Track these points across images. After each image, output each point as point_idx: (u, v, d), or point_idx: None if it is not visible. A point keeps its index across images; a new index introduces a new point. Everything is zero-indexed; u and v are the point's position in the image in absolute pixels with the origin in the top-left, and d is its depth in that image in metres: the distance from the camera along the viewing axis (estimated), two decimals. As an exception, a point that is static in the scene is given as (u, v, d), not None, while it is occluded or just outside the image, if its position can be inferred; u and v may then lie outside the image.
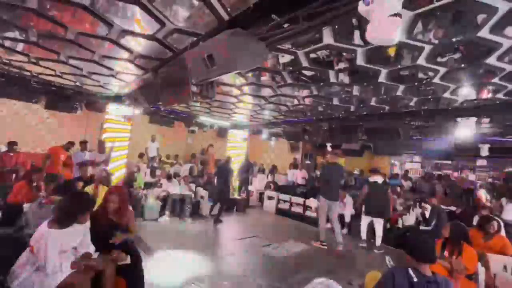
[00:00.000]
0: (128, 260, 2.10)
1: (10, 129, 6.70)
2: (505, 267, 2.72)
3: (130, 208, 2.48)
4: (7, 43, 3.33)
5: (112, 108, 5.98)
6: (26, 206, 3.27)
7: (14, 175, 5.40)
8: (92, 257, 2.01)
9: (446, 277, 1.78)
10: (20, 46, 3.42)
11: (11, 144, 5.34)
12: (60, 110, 6.62)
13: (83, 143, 5.57)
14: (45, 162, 5.18)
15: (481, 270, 2.60)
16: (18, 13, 2.50)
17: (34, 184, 3.69)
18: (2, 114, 6.79)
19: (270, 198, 7.78)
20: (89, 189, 3.32)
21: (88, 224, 2.06)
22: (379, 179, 5.13)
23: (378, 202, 5.02)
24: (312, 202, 6.77)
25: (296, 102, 4.92)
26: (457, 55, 2.72)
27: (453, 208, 6.16)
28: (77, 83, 5.14)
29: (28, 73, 4.73)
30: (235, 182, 8.02)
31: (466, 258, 2.55)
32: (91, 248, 2.06)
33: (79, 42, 3.02)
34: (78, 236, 1.96)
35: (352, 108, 4.98)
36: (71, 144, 5.62)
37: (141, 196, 5.65)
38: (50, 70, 4.30)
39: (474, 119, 4.08)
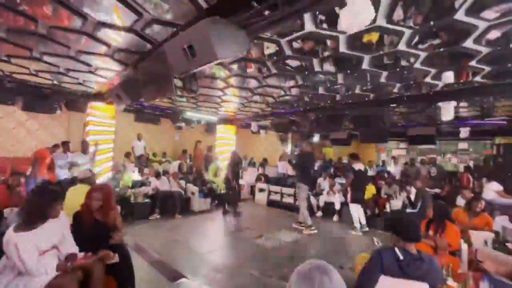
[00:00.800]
0: (116, 258, 2.06)
1: (-14, 134, 6.38)
2: (485, 242, 2.85)
3: (116, 206, 2.42)
4: (-26, 41, 3.13)
5: (94, 106, 5.78)
6: (6, 211, 3.15)
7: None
8: (78, 257, 1.95)
9: (430, 254, 1.85)
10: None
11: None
12: (38, 111, 6.33)
13: (65, 144, 5.38)
14: (35, 167, 4.94)
15: (464, 246, 2.72)
16: (-18, 7, 2.34)
17: (15, 188, 3.53)
18: (-24, 118, 6.45)
19: (261, 190, 7.83)
20: (75, 189, 3.22)
21: (65, 220, 1.99)
22: (362, 166, 5.30)
23: (363, 189, 5.27)
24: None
25: (282, 93, 4.91)
26: (436, 41, 2.78)
27: (437, 190, 6.39)
28: (55, 82, 4.92)
29: (0, 73, 4.48)
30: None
31: (449, 235, 2.66)
32: (75, 248, 2.00)
33: (52, 37, 2.87)
34: (55, 233, 1.89)
35: (338, 97, 5.03)
36: (56, 147, 5.40)
37: (129, 195, 5.55)
38: (23, 68, 4.09)
39: (454, 102, 4.20)
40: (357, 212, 5.24)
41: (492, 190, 5.45)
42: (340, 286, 0.83)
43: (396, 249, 1.80)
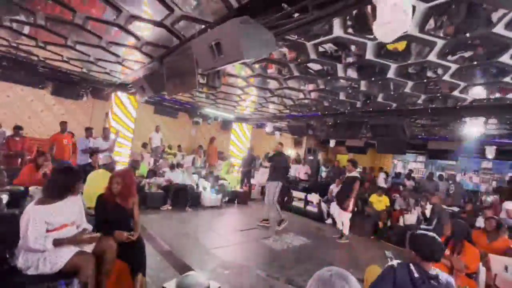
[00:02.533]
0: (133, 237, 2.19)
1: (16, 115, 6.76)
2: (506, 268, 2.71)
3: (136, 194, 2.51)
4: (15, 26, 3.33)
5: (118, 96, 5.99)
6: (31, 189, 3.33)
7: (20, 160, 5.46)
8: (88, 233, 2.06)
9: (447, 275, 1.78)
10: (27, 30, 3.42)
11: (17, 129, 5.37)
12: (66, 96, 6.65)
13: (88, 130, 5.60)
14: (51, 151, 5.19)
15: (482, 269, 2.60)
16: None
17: (41, 168, 3.73)
18: (8, 99, 6.84)
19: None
20: (96, 173, 3.36)
21: (81, 198, 2.12)
22: (357, 174, 5.29)
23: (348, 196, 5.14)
24: (313, 197, 6.79)
25: (302, 96, 4.88)
26: (468, 53, 2.67)
27: (455, 209, 6.13)
28: (84, 70, 5.15)
29: (36, 58, 4.74)
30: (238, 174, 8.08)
31: (467, 256, 2.55)
32: (88, 226, 2.13)
33: (87, 27, 3.01)
34: (74, 210, 2.00)
35: (359, 104, 4.94)
36: (64, 124, 5.50)
37: (144, 184, 5.70)
38: (57, 55, 4.31)
39: (482, 119, 4.01)
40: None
41: (504, 209, 5.19)
42: None
43: (412, 267, 1.73)
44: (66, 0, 2.49)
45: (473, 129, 4.05)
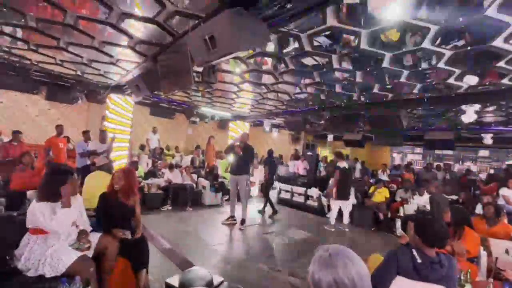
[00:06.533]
0: (129, 235, 2.16)
1: (11, 121, 6.70)
2: (506, 251, 2.73)
3: (138, 193, 2.50)
4: (6, 29, 3.29)
5: (113, 98, 5.96)
6: (29, 193, 3.30)
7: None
8: (89, 234, 2.04)
9: (449, 255, 1.78)
10: (19, 33, 3.38)
11: (16, 133, 5.32)
12: (60, 101, 6.60)
13: (86, 133, 5.57)
14: (47, 155, 5.15)
15: (483, 253, 2.62)
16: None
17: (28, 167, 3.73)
18: (2, 105, 6.78)
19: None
20: (93, 175, 3.34)
21: (81, 200, 2.10)
22: (346, 164, 5.39)
23: (348, 187, 5.37)
24: (313, 191, 6.80)
25: (298, 90, 4.88)
26: (461, 42, 2.67)
27: (454, 197, 6.17)
28: (78, 72, 5.10)
29: (28, 62, 4.69)
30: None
31: (467, 241, 2.57)
32: (88, 226, 2.11)
33: (78, 27, 2.98)
34: (74, 211, 1.99)
35: (355, 96, 4.94)
36: (60, 127, 5.48)
37: (143, 185, 5.68)
38: (50, 58, 4.26)
39: (477, 106, 4.03)
40: (337, 208, 5.32)
41: (502, 194, 5.24)
42: (363, 266, 0.82)
43: (414, 251, 1.73)
44: (58, 1, 2.46)
45: (470, 116, 4.07)
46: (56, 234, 1.87)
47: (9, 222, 2.00)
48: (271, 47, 3.17)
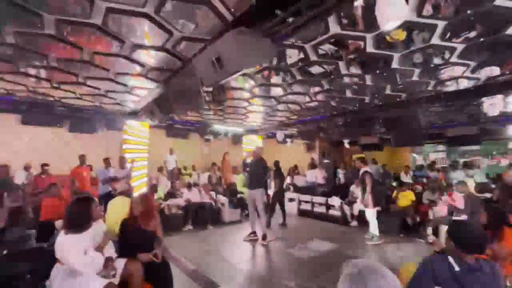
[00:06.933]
0: (159, 257, 2.18)
1: (40, 155, 7.10)
2: (556, 251, 2.48)
3: (157, 216, 2.53)
4: (32, 71, 3.56)
5: (130, 124, 6.21)
6: (57, 223, 3.43)
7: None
8: (115, 261, 2.07)
9: (492, 262, 1.64)
10: (42, 73, 3.65)
11: (43, 166, 5.64)
12: (82, 131, 6.95)
13: (106, 160, 5.79)
14: (72, 185, 5.40)
15: (529, 255, 2.39)
16: (38, 41, 2.67)
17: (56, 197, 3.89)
18: (30, 141, 7.22)
19: (291, 200, 7.68)
20: (115, 201, 3.43)
21: (103, 225, 2.15)
22: (369, 169, 5.14)
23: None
24: (334, 200, 6.61)
25: (308, 99, 4.87)
26: (473, 33, 2.59)
27: (488, 195, 5.77)
28: (96, 103, 5.39)
29: (52, 98, 5.02)
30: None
31: (509, 242, 2.37)
32: (113, 252, 2.13)
33: (94, 62, 3.17)
34: (98, 235, 2.03)
35: (367, 100, 4.85)
36: (83, 157, 5.81)
37: (163, 207, 5.76)
38: (71, 93, 4.55)
39: (500, 96, 3.83)
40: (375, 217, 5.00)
41: None
42: (396, 282, 0.76)
43: (450, 259, 1.61)
44: (73, 39, 2.65)
45: (492, 108, 3.86)
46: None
47: (40, 254, 2.08)
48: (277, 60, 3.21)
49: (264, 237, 4.82)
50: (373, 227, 4.87)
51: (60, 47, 2.81)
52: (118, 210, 3.13)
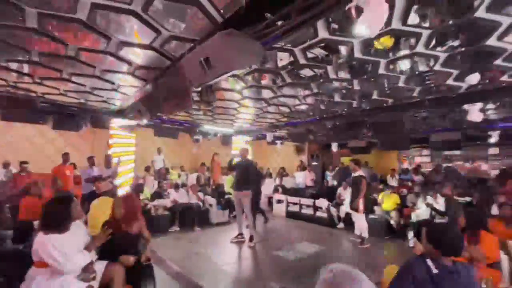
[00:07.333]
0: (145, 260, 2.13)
1: (21, 152, 6.84)
2: (529, 254, 2.60)
3: (141, 217, 2.47)
4: (13, 66, 3.43)
5: (116, 122, 6.07)
6: (36, 223, 3.30)
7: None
8: (94, 263, 2.01)
9: (466, 264, 1.70)
10: (24, 68, 3.51)
11: (22, 164, 5.43)
12: (66, 129, 6.74)
13: (90, 159, 5.64)
14: (56, 184, 5.22)
15: (504, 257, 2.49)
16: (20, 35, 2.58)
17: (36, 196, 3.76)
18: (11, 138, 6.95)
19: (279, 201, 7.71)
20: (98, 201, 3.34)
21: (82, 226, 2.09)
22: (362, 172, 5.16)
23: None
24: (322, 202, 6.68)
25: (297, 102, 4.91)
26: (456, 42, 2.68)
27: (468, 199, 5.98)
28: (81, 100, 5.24)
29: (34, 94, 4.84)
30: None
31: (486, 245, 2.46)
32: (94, 256, 2.08)
33: (80, 58, 3.08)
34: (80, 239, 1.97)
35: (355, 104, 4.94)
36: (66, 155, 5.60)
37: (149, 207, 5.66)
38: (54, 89, 4.40)
39: (480, 104, 3.99)
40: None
41: None
42: (370, 286, 0.78)
43: (429, 261, 1.66)
44: (58, 34, 2.57)
45: (473, 115, 4.01)
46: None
47: (16, 256, 2.00)
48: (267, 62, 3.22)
49: (251, 239, 4.81)
50: (364, 230, 4.93)
51: (43, 41, 2.72)
52: (101, 210, 3.05)
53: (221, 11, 2.09)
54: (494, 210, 4.55)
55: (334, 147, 9.49)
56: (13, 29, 2.44)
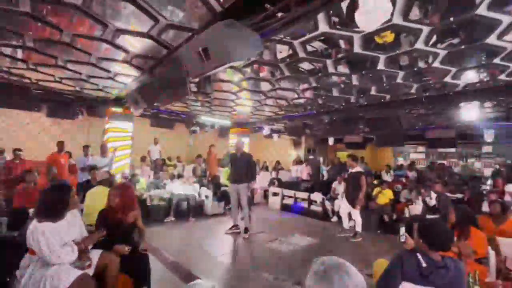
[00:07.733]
0: (127, 250, 2.15)
1: (14, 139, 6.75)
2: (515, 250, 2.67)
3: (137, 207, 2.47)
4: (5, 50, 3.35)
5: (113, 111, 6.01)
6: (32, 211, 3.30)
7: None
8: (89, 251, 2.02)
9: (456, 260, 1.74)
10: (18, 53, 3.44)
11: (15, 151, 5.36)
12: (61, 117, 6.64)
13: (85, 148, 5.60)
14: (50, 172, 5.17)
15: (491, 253, 2.56)
16: (13, 18, 2.51)
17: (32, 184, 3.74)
18: (4, 125, 6.85)
19: (275, 194, 7.77)
20: (94, 190, 3.34)
21: (79, 216, 2.09)
22: (359, 169, 5.11)
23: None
24: (316, 196, 6.75)
25: (295, 95, 4.89)
26: (456, 39, 2.68)
27: (460, 196, 6.09)
28: (77, 88, 5.16)
29: (28, 80, 4.76)
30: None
31: (474, 241, 2.52)
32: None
33: (75, 45, 3.02)
34: (75, 229, 1.97)
35: (352, 99, 4.94)
36: (61, 143, 5.52)
37: (145, 198, 5.67)
38: (49, 75, 4.32)
39: (476, 103, 4.01)
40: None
41: (507, 191, 5.14)
42: (360, 279, 0.80)
43: (419, 255, 1.70)
44: (52, 19, 2.51)
45: (469, 114, 4.04)
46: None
47: (10, 243, 1.99)
48: (266, 54, 3.19)
49: (246, 231, 4.86)
50: (358, 226, 4.99)
51: (37, 26, 2.65)
52: (96, 200, 3.05)
53: (221, 0, 2.05)
54: (486, 207, 4.65)
55: (331, 141, 9.55)
56: (5, 12, 2.38)
